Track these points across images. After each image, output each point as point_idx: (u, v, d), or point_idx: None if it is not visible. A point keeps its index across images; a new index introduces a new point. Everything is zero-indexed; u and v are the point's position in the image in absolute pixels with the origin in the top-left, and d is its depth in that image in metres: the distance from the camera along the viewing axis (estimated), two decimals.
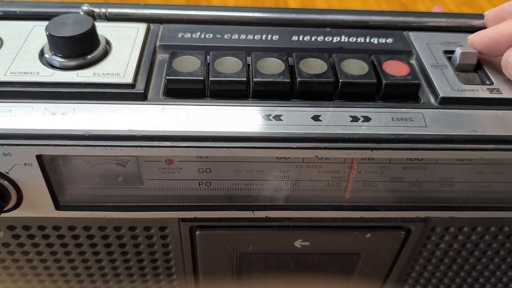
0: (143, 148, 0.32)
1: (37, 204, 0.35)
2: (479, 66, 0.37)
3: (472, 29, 0.38)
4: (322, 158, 0.35)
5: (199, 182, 0.36)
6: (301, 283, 0.46)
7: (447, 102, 0.35)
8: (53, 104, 0.33)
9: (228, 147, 0.33)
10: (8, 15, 0.38)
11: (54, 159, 0.34)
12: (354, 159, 0.35)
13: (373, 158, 0.35)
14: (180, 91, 0.34)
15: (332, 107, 0.34)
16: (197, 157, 0.35)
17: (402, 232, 0.40)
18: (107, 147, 0.32)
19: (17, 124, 0.32)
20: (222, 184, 0.37)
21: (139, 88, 0.34)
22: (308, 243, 0.40)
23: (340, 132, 0.33)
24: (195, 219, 0.38)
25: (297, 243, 0.40)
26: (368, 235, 0.40)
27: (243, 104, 0.34)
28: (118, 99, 0.34)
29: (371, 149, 0.33)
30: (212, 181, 0.36)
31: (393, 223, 0.39)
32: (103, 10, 0.39)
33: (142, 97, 0.34)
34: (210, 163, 0.35)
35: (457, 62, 0.37)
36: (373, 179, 0.37)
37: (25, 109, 0.33)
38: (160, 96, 0.34)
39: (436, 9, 0.89)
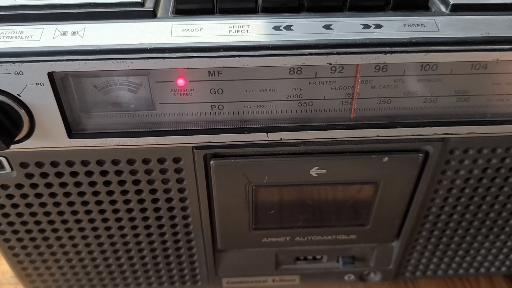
0: (154, 60, 0.32)
1: (50, 132, 0.35)
2: None
3: None
4: (335, 66, 0.34)
5: (212, 106, 0.36)
6: (318, 224, 0.45)
7: (459, 9, 0.35)
8: (63, 25, 0.33)
9: (239, 56, 0.32)
10: None
11: (65, 80, 0.34)
12: (358, 67, 0.35)
13: (386, 69, 0.35)
14: (189, 10, 0.34)
15: (343, 17, 0.34)
16: (209, 74, 0.34)
17: (420, 155, 0.39)
18: (118, 60, 0.32)
19: (28, 44, 0.32)
20: (235, 106, 0.36)
21: (148, 6, 0.34)
22: (324, 171, 0.40)
23: (353, 37, 0.33)
24: (209, 147, 0.37)
25: (313, 171, 0.40)
26: (386, 158, 0.39)
27: (252, 18, 0.34)
28: (128, 17, 0.34)
29: (385, 52, 0.33)
30: (224, 104, 0.36)
31: (410, 144, 0.39)
32: None
33: (151, 15, 0.34)
34: (222, 83, 0.35)
35: None
36: (388, 95, 0.36)
37: (36, 30, 0.33)
38: (169, 14, 0.34)
39: None
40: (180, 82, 0.35)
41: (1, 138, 0.33)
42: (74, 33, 0.33)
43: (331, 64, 0.33)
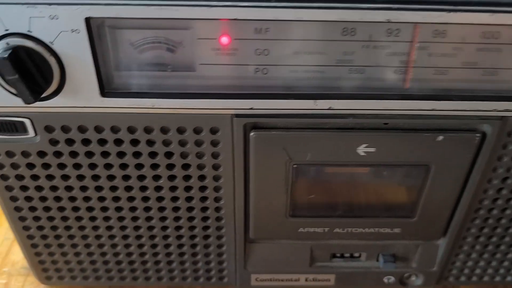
0: (201, 7, 0.30)
1: (81, 88, 0.33)
2: None
3: None
4: (391, 29, 0.32)
5: (256, 69, 0.33)
6: (360, 214, 0.42)
7: None
8: None
9: (292, 7, 0.30)
10: None
11: (101, 29, 0.31)
12: (415, 30, 0.32)
13: (445, 35, 0.32)
14: None
15: None
16: (255, 31, 0.32)
17: (477, 135, 0.36)
18: (161, 7, 0.30)
19: None
20: (280, 71, 0.34)
21: None
22: (373, 149, 0.36)
23: None
24: (250, 115, 0.35)
25: (361, 150, 0.37)
26: (440, 137, 0.36)
27: None
28: None
29: (448, 10, 0.30)
30: (269, 67, 0.33)
31: (467, 122, 0.36)
32: None
33: None
34: (268, 42, 0.32)
35: None
36: (445, 65, 0.34)
37: None
38: None
39: None
40: (224, 39, 0.32)
41: (29, 90, 0.31)
42: None
43: (389, 21, 0.31)
